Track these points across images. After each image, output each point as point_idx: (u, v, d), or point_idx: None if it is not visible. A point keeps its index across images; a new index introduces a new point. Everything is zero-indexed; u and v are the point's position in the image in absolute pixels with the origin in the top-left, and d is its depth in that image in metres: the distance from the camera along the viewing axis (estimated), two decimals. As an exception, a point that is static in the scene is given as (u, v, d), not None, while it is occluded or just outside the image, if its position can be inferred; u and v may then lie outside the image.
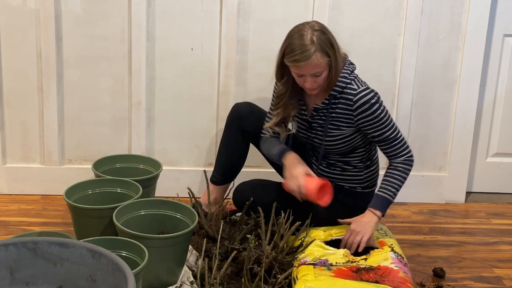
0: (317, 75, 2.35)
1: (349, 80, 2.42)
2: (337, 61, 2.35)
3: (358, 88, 2.41)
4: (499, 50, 3.21)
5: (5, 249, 1.62)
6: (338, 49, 2.37)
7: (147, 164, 2.88)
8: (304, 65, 2.31)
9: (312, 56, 2.29)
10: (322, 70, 2.34)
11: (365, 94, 2.40)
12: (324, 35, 2.32)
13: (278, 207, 2.37)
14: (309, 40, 2.30)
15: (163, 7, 2.98)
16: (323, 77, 2.36)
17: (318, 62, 2.31)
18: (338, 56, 2.36)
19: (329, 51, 2.32)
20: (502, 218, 3.15)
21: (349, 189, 2.57)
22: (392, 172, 2.45)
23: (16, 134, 3.09)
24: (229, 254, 2.27)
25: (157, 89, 3.08)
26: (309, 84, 2.36)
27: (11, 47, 2.98)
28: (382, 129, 2.42)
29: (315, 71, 2.33)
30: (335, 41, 2.36)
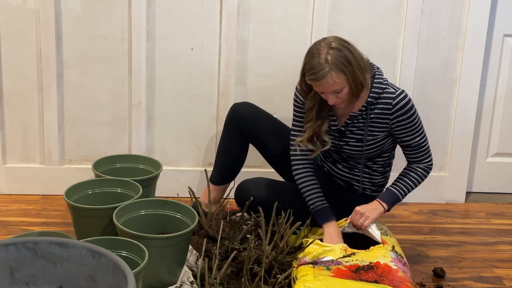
0: (337, 92, 2.32)
1: (384, 85, 2.41)
2: (355, 75, 2.30)
3: (395, 91, 2.40)
4: (499, 50, 3.21)
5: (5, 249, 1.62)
6: (356, 63, 2.31)
7: (147, 164, 2.88)
8: (321, 84, 2.30)
9: (327, 76, 2.26)
10: (341, 87, 2.31)
11: (403, 97, 2.39)
12: (340, 52, 2.28)
13: (279, 207, 2.37)
14: (323, 59, 2.27)
15: (163, 7, 2.98)
16: (345, 92, 2.33)
17: (334, 81, 2.28)
18: (356, 70, 2.30)
19: (345, 69, 2.28)
20: (502, 218, 3.15)
21: (358, 190, 2.56)
22: (409, 173, 2.49)
23: (16, 134, 3.09)
24: (229, 254, 2.27)
25: (157, 89, 3.08)
26: (332, 101, 2.34)
27: (11, 47, 2.98)
28: (414, 134, 2.44)
29: (333, 89, 2.30)
30: (353, 55, 2.31)
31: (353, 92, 2.33)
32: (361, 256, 2.28)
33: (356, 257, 2.27)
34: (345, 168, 2.56)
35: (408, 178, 2.49)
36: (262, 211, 2.39)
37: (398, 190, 2.47)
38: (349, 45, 2.34)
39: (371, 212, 2.40)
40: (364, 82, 2.34)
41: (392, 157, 2.59)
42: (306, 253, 2.31)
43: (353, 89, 2.32)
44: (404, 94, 2.40)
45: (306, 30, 3.02)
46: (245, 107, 2.75)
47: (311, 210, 2.47)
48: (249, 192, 2.52)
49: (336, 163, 2.57)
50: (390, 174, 2.63)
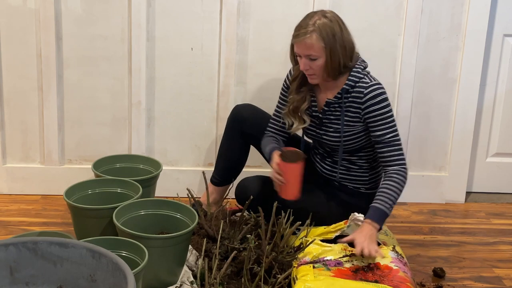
0: (312, 59, 2.37)
1: (362, 75, 2.44)
2: (334, 51, 2.35)
3: (370, 82, 2.43)
4: (499, 50, 3.21)
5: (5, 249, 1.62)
6: (341, 42, 2.36)
7: (147, 164, 2.88)
8: (299, 42, 2.36)
9: (307, 35, 2.33)
10: (316, 55, 2.36)
11: (376, 88, 2.41)
12: (330, 23, 2.35)
13: (279, 207, 2.37)
14: (312, 22, 2.35)
15: (163, 7, 2.98)
16: (319, 64, 2.37)
17: (312, 44, 2.34)
18: (338, 47, 2.36)
19: (327, 39, 2.34)
20: (502, 218, 3.15)
21: (353, 189, 2.56)
22: (388, 183, 2.39)
23: (16, 134, 3.09)
24: (229, 254, 2.27)
25: (157, 89, 3.08)
26: (303, 66, 2.39)
27: (11, 47, 2.99)
28: (385, 129, 2.42)
29: (309, 52, 2.36)
30: (342, 33, 2.37)
31: (327, 67, 2.37)
32: (361, 257, 2.27)
33: (356, 257, 2.27)
34: (330, 164, 2.57)
35: (389, 189, 2.37)
36: (262, 211, 2.39)
37: (383, 205, 2.34)
38: (342, 24, 2.40)
39: (370, 239, 2.29)
40: (341, 63, 2.38)
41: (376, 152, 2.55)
42: (306, 253, 2.31)
43: (328, 65, 2.36)
44: (377, 87, 2.42)
45: (306, 30, 3.02)
46: (247, 108, 2.76)
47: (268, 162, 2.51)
48: (249, 190, 2.52)
49: (323, 158, 2.59)
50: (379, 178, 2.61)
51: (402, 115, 3.15)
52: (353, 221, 2.40)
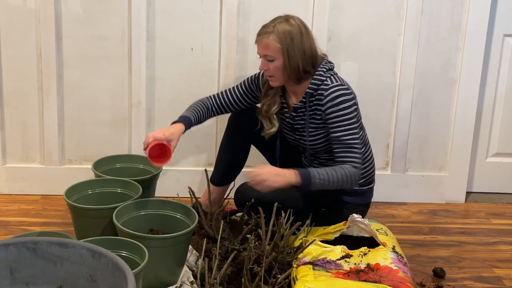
0: (269, 60, 2.43)
1: (325, 77, 2.46)
2: (292, 54, 2.39)
3: (331, 83, 2.44)
4: (499, 50, 3.21)
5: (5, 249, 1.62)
6: (299, 46, 2.40)
7: (147, 164, 2.88)
8: (258, 42, 2.45)
9: (265, 35, 2.42)
10: (273, 56, 2.41)
11: (336, 90, 2.42)
12: (290, 28, 2.41)
13: (279, 207, 2.37)
14: (273, 24, 2.43)
15: (163, 7, 2.98)
16: (276, 65, 2.42)
17: (269, 45, 2.41)
18: (296, 50, 2.40)
19: (284, 41, 2.39)
20: (502, 218, 3.15)
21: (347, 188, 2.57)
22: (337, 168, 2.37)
23: (16, 134, 3.09)
24: (229, 254, 2.27)
25: (157, 89, 3.08)
26: (261, 66, 2.47)
27: (11, 47, 2.99)
28: (341, 131, 2.41)
29: (265, 52, 2.43)
30: (301, 38, 2.41)
31: (286, 70, 2.42)
32: (361, 258, 2.28)
33: (355, 259, 2.27)
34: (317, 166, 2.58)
35: (334, 171, 2.36)
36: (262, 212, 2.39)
37: (316, 175, 2.34)
38: (305, 29, 2.44)
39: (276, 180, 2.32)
40: (300, 67, 2.41)
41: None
42: (305, 253, 2.31)
43: (287, 67, 2.41)
44: (337, 88, 2.42)
45: (306, 30, 3.02)
46: (248, 109, 2.76)
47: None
48: (249, 195, 2.52)
49: (310, 162, 2.61)
50: (372, 165, 2.62)
51: (402, 115, 3.15)
52: (353, 222, 2.40)
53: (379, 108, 3.15)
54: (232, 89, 2.69)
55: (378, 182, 2.75)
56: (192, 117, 2.58)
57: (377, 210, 3.14)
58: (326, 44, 3.03)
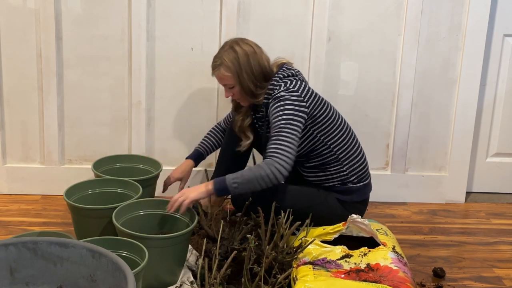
0: (229, 87, 2.53)
1: (278, 85, 2.50)
2: (242, 79, 2.48)
3: (280, 88, 2.47)
4: (499, 50, 3.21)
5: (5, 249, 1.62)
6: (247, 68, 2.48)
7: (147, 164, 2.88)
8: (214, 75, 2.56)
9: (216, 69, 2.53)
10: (230, 83, 2.51)
11: (281, 91, 2.45)
12: (235, 54, 2.49)
13: (278, 207, 2.37)
14: (221, 54, 2.52)
15: (163, 7, 2.98)
16: (237, 90, 2.52)
17: (222, 76, 2.51)
18: (244, 75, 2.48)
19: (233, 69, 2.49)
20: (502, 218, 3.15)
21: (340, 187, 2.58)
22: (254, 167, 2.38)
23: (16, 134, 3.09)
24: (229, 254, 2.27)
25: (157, 89, 3.08)
26: (226, 94, 2.58)
27: (11, 47, 2.99)
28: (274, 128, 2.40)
29: (223, 83, 2.54)
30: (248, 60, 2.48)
31: (243, 92, 2.51)
32: (361, 258, 2.28)
33: (355, 259, 2.27)
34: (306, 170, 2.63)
35: (249, 171, 2.35)
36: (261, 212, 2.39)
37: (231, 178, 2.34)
38: (250, 50, 2.51)
39: (190, 192, 2.36)
40: (252, 86, 2.49)
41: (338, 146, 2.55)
42: (305, 253, 2.31)
43: (242, 90, 2.51)
44: (286, 91, 2.44)
45: (306, 30, 3.02)
46: None
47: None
48: (246, 195, 2.52)
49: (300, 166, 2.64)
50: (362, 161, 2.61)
51: (402, 115, 3.15)
52: (352, 222, 2.40)
53: (379, 108, 3.15)
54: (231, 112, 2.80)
55: (378, 182, 2.75)
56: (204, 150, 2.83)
57: (377, 210, 3.14)
58: (326, 44, 3.03)
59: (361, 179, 2.61)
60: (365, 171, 2.63)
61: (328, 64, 3.07)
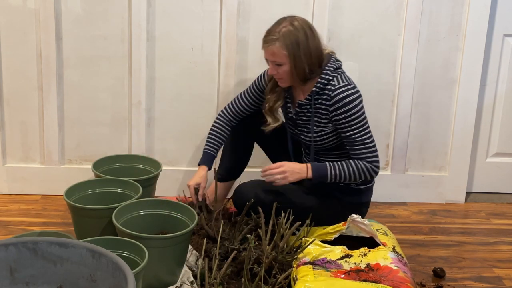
0: (278, 65, 2.45)
1: (331, 77, 2.48)
2: (299, 59, 2.42)
3: (338, 84, 2.46)
4: (499, 50, 3.21)
5: (5, 249, 1.62)
6: (306, 50, 2.42)
7: (147, 164, 2.88)
8: (265, 49, 2.46)
9: (270, 43, 2.43)
10: (281, 61, 2.43)
11: (343, 91, 2.44)
12: (295, 32, 2.41)
13: (278, 207, 2.38)
14: (278, 29, 2.42)
15: (163, 7, 2.98)
16: (285, 70, 2.45)
17: (275, 52, 2.42)
18: (302, 56, 2.42)
19: (290, 47, 2.41)
20: (502, 218, 3.15)
21: (344, 187, 2.58)
22: (351, 162, 2.47)
23: (16, 134, 3.09)
24: (229, 254, 2.27)
25: (157, 89, 3.08)
26: (270, 70, 2.50)
27: (11, 47, 2.99)
28: (352, 130, 2.45)
29: (273, 59, 2.45)
30: (307, 42, 2.42)
31: (293, 74, 2.44)
32: (361, 258, 2.28)
33: (355, 259, 2.27)
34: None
35: (347, 165, 2.47)
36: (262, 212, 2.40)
37: (331, 169, 2.46)
38: (310, 31, 2.45)
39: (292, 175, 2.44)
40: (307, 69, 2.44)
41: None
42: (305, 253, 2.31)
43: (293, 71, 2.44)
44: (345, 89, 2.44)
45: (306, 30, 3.02)
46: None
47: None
48: (247, 196, 2.52)
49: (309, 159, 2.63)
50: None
51: (402, 115, 3.15)
52: (352, 222, 2.40)
53: (379, 108, 3.15)
54: (242, 94, 2.73)
55: (378, 182, 2.75)
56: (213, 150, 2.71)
57: (377, 210, 3.14)
58: (326, 44, 3.02)
59: (366, 182, 2.60)
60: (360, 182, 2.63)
61: (328, 64, 3.07)
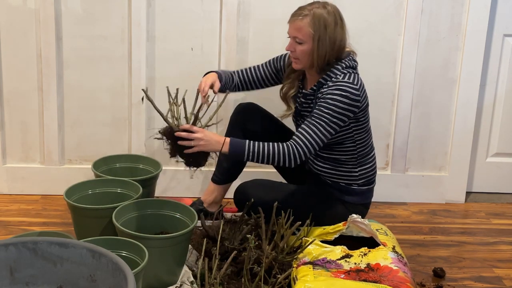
0: (298, 42, 2.41)
1: (340, 73, 2.43)
2: (323, 41, 2.38)
3: (343, 79, 2.41)
4: (499, 50, 3.21)
5: (5, 249, 1.62)
6: (332, 35, 2.39)
7: (147, 164, 2.88)
8: (292, 22, 2.42)
9: (300, 17, 2.39)
10: (303, 39, 2.39)
11: (342, 83, 2.39)
12: (327, 15, 2.39)
13: (279, 207, 2.37)
14: (311, 7, 2.40)
15: (163, 7, 2.98)
16: (303, 49, 2.41)
17: (302, 26, 2.38)
18: (328, 39, 2.38)
19: (317, 27, 2.37)
20: (502, 218, 3.15)
21: (345, 187, 2.57)
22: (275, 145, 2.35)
23: (16, 134, 3.09)
24: (229, 254, 2.27)
25: (157, 89, 3.08)
26: (288, 46, 2.45)
27: (11, 47, 2.99)
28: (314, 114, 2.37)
29: (296, 34, 2.40)
30: (335, 28, 2.40)
31: (312, 56, 2.40)
32: (361, 258, 2.28)
33: (355, 259, 2.27)
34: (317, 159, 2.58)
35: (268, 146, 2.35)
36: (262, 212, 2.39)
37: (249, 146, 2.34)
38: (340, 20, 2.43)
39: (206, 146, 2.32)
40: (327, 56, 2.40)
41: (361, 147, 2.54)
42: (305, 253, 2.31)
43: (314, 53, 2.39)
44: (346, 84, 2.38)
45: (306, 30, 3.02)
46: (250, 107, 2.77)
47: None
48: (248, 195, 2.52)
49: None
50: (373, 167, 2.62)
51: (402, 115, 3.15)
52: (352, 222, 2.40)
53: (379, 108, 3.14)
54: (257, 66, 2.71)
55: (378, 182, 2.75)
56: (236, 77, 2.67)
57: (377, 210, 3.14)
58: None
59: (367, 183, 2.60)
60: (373, 176, 2.63)
61: (328, 64, 3.07)
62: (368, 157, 2.59)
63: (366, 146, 2.56)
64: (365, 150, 2.56)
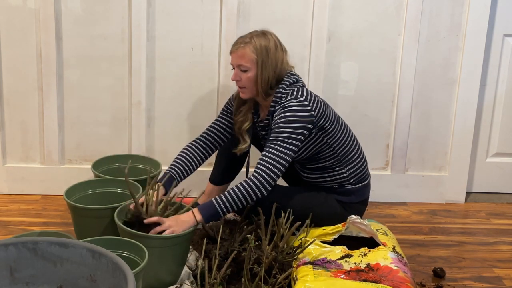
0: (242, 70, 2.44)
1: (285, 92, 2.45)
2: (265, 65, 2.42)
3: (291, 96, 2.42)
4: (499, 50, 3.21)
5: (5, 249, 1.62)
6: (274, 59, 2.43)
7: (147, 164, 2.88)
8: (234, 52, 2.46)
9: (241, 45, 2.43)
10: (247, 66, 2.42)
11: (288, 105, 2.39)
12: (266, 40, 2.44)
13: (278, 207, 2.37)
14: (250, 35, 2.46)
15: (163, 7, 2.98)
16: (249, 76, 2.43)
17: (245, 53, 2.42)
18: (270, 62, 2.42)
19: (260, 52, 2.42)
20: (502, 218, 3.15)
21: (339, 188, 2.58)
22: (239, 186, 2.35)
23: (16, 134, 3.09)
24: (229, 254, 2.27)
25: (157, 89, 3.08)
26: (233, 76, 2.47)
27: (11, 47, 2.99)
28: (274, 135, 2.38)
29: (240, 62, 2.44)
30: (276, 51, 2.44)
31: (257, 81, 2.42)
32: (361, 258, 2.28)
33: (355, 259, 2.27)
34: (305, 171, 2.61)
35: (234, 191, 2.34)
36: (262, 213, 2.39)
37: (218, 202, 2.32)
38: (279, 44, 2.48)
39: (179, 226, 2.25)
40: (270, 80, 2.43)
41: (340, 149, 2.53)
42: (305, 253, 2.31)
43: (258, 79, 2.42)
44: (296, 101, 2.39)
45: (306, 30, 3.02)
46: None
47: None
48: None
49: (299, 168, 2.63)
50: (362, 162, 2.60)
51: (402, 115, 3.15)
52: (351, 223, 2.40)
53: (379, 108, 3.15)
54: (213, 125, 2.69)
55: (378, 182, 2.76)
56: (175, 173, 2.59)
57: (377, 210, 3.14)
58: (326, 44, 3.03)
59: (360, 181, 2.61)
60: (364, 172, 2.63)
61: (328, 64, 3.07)
62: (352, 155, 2.58)
63: (345, 146, 2.55)
64: (346, 150, 2.55)
